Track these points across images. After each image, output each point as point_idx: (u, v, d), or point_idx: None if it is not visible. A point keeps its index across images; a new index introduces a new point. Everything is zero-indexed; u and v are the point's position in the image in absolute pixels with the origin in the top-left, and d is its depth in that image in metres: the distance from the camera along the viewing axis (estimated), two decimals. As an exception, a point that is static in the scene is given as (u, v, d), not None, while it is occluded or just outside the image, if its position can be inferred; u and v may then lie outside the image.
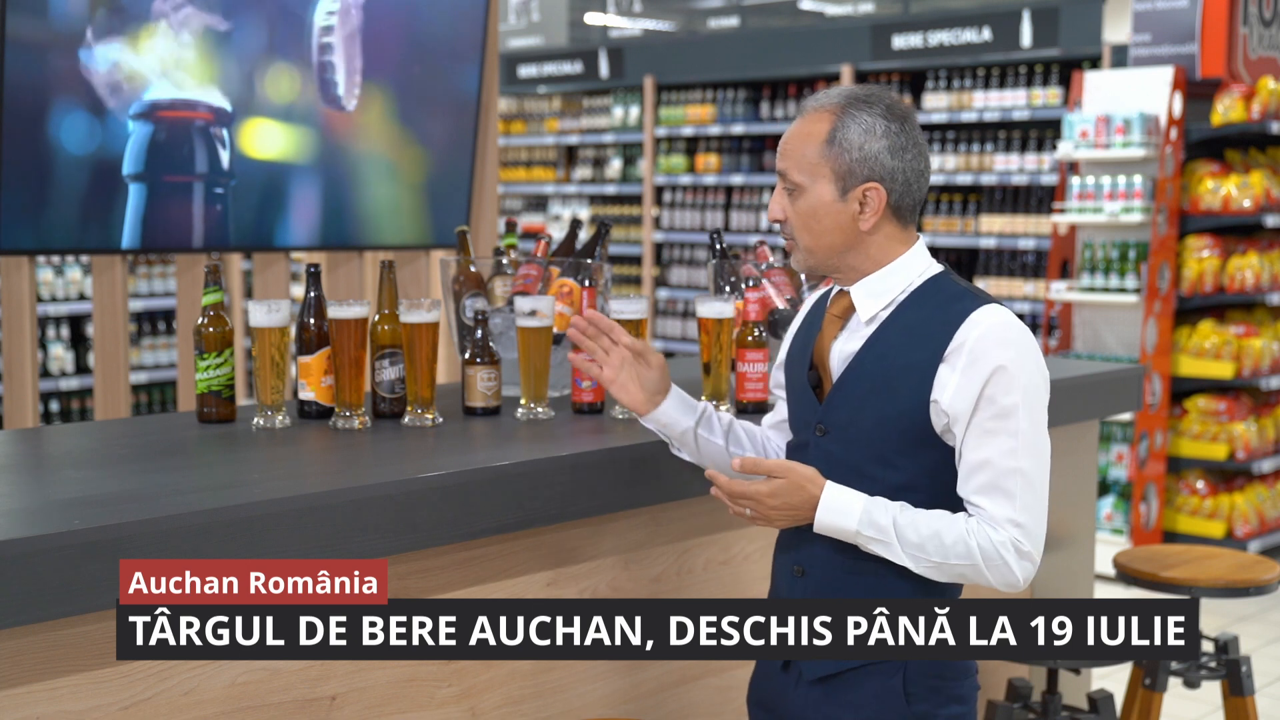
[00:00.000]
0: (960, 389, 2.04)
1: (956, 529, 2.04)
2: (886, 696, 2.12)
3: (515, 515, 2.34)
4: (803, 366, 2.23)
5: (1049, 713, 3.09)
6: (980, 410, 2.03)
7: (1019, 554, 2.04)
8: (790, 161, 2.13)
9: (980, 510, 2.05)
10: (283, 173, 4.38)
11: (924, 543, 2.04)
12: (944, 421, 2.07)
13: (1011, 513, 2.03)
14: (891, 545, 2.05)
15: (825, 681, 2.16)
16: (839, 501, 2.07)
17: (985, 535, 2.03)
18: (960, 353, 2.04)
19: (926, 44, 8.43)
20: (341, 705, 2.25)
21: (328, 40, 4.35)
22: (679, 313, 9.86)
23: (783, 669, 2.22)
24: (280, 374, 2.69)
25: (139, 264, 7.35)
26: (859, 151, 2.09)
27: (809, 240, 2.14)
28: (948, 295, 2.12)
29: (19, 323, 4.36)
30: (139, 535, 1.90)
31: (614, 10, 11.75)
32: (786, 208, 2.15)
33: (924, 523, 2.05)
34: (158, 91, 4.02)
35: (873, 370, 2.11)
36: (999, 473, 2.03)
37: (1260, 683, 4.97)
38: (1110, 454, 6.53)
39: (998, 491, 2.03)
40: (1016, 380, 2.03)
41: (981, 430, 2.04)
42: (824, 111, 2.11)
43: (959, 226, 8.25)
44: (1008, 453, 2.03)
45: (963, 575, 2.07)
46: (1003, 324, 2.06)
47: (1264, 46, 6.81)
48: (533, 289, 3.01)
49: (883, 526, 2.05)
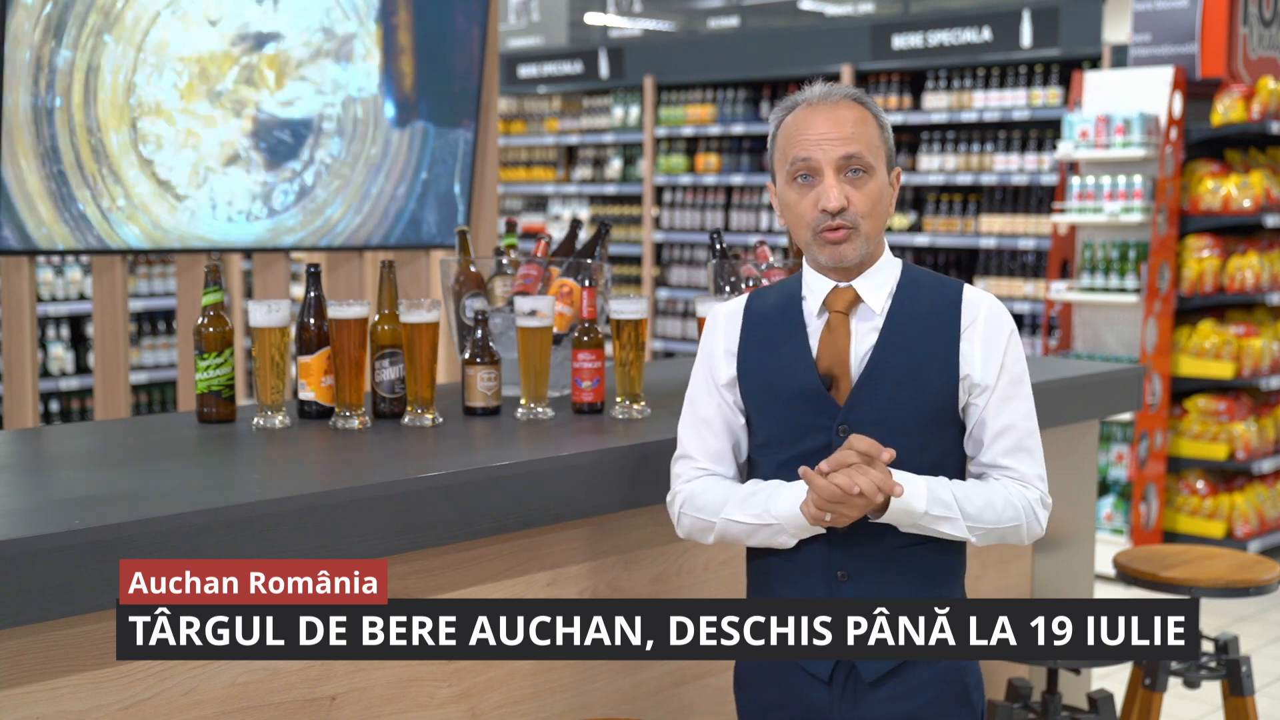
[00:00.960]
0: (986, 360, 2.16)
1: (1002, 493, 2.15)
2: (944, 677, 2.16)
3: (515, 515, 2.34)
4: (797, 375, 2.18)
5: (1049, 713, 3.09)
6: (1001, 378, 2.16)
7: (1044, 506, 2.20)
8: (862, 145, 2.14)
9: (1010, 470, 2.18)
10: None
11: (980, 512, 2.13)
12: (967, 397, 2.17)
13: (1039, 469, 2.19)
14: (956, 520, 2.12)
15: (881, 681, 2.17)
16: (907, 484, 2.09)
17: (1021, 495, 2.16)
18: (975, 328, 2.17)
19: (926, 44, 8.43)
20: (341, 705, 2.25)
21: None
22: (679, 313, 9.85)
23: (827, 684, 2.18)
24: (280, 374, 2.69)
25: (139, 264, 7.35)
26: (892, 137, 2.21)
27: (872, 225, 2.16)
28: (930, 281, 2.23)
29: (19, 323, 4.36)
30: (139, 535, 1.90)
31: (614, 10, 11.74)
32: (850, 194, 2.14)
33: (977, 494, 2.14)
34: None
35: (898, 361, 2.15)
36: (1022, 434, 2.17)
37: (1260, 683, 4.97)
38: (1110, 454, 6.53)
39: (1023, 451, 2.18)
40: (1020, 348, 2.21)
41: (1003, 397, 2.16)
42: (854, 101, 2.18)
43: (959, 226, 8.24)
44: (1025, 415, 2.19)
45: (1003, 537, 2.17)
46: (991, 298, 2.21)
47: (1264, 46, 6.81)
48: (533, 289, 3.01)
49: (947, 502, 2.11)
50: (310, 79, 4.66)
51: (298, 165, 4.69)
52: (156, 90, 4.35)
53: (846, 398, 2.16)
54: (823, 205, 2.13)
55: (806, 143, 2.14)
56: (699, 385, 2.29)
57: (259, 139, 4.60)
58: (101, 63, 4.19)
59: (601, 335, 2.84)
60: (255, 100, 4.56)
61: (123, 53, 4.23)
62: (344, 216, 4.78)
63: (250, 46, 4.54)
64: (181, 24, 4.38)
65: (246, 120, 4.56)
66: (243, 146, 4.57)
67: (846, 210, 2.13)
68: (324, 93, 4.71)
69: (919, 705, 2.17)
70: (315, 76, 4.66)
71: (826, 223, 2.14)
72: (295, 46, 4.62)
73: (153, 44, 4.31)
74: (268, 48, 4.57)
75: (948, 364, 2.15)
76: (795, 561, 2.20)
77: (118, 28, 4.23)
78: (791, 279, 2.29)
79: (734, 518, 2.18)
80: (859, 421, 2.14)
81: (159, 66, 4.33)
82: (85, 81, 4.18)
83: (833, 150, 2.13)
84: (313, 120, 4.70)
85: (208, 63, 4.45)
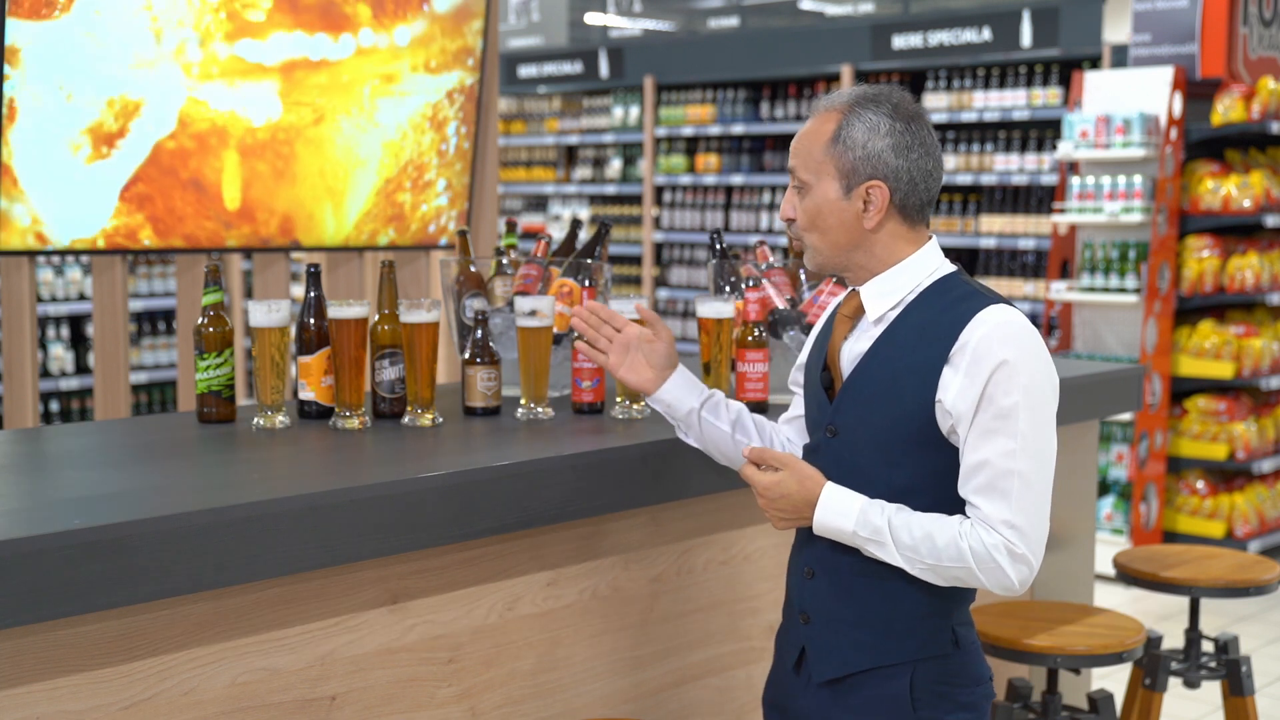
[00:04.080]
0: (963, 389, 2.02)
1: (949, 531, 2.03)
2: (892, 701, 2.12)
3: (515, 515, 2.34)
4: (818, 368, 2.23)
5: (1049, 713, 3.09)
6: (981, 410, 2.02)
7: (1012, 557, 2.01)
8: (799, 159, 2.15)
9: (976, 510, 2.04)
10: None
11: (917, 545, 2.04)
12: (949, 423, 2.06)
13: (1007, 514, 2.01)
14: (886, 546, 2.05)
15: (833, 685, 2.16)
16: (837, 502, 2.08)
17: (978, 537, 2.02)
18: (964, 352, 2.03)
19: (926, 44, 8.43)
20: (341, 705, 2.25)
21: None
22: (679, 313, 9.85)
23: (794, 671, 2.22)
24: (280, 374, 2.69)
25: (139, 264, 7.35)
26: (862, 150, 2.09)
27: (815, 239, 2.16)
28: (957, 295, 2.10)
29: (19, 323, 4.36)
30: (139, 535, 1.90)
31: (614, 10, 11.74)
32: (796, 206, 2.16)
33: (918, 525, 2.05)
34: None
35: (880, 371, 2.11)
36: (996, 473, 2.01)
37: (1260, 683, 4.97)
38: (1110, 454, 6.53)
39: (994, 492, 2.02)
40: (1016, 380, 2.01)
41: (982, 430, 2.02)
42: (832, 111, 2.13)
43: (959, 226, 8.24)
44: (1006, 454, 2.01)
45: (957, 578, 2.05)
46: (1007, 323, 2.04)
47: (1264, 46, 6.81)
48: (533, 289, 3.00)
49: (878, 527, 2.05)
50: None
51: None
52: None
53: (834, 399, 2.17)
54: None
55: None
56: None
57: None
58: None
59: (601, 335, 2.84)
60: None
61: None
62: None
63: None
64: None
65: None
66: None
67: (793, 222, 2.18)
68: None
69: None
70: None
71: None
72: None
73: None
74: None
75: (924, 384, 2.06)
76: (791, 560, 2.28)
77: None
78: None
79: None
80: (842, 425, 2.15)
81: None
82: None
83: (789, 161, 2.19)
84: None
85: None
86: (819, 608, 2.17)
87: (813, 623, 2.18)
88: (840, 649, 2.15)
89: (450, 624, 2.39)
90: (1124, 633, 2.96)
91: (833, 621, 2.16)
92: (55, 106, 4.04)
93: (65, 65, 4.04)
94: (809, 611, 2.18)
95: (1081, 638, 2.92)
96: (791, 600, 2.24)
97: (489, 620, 2.44)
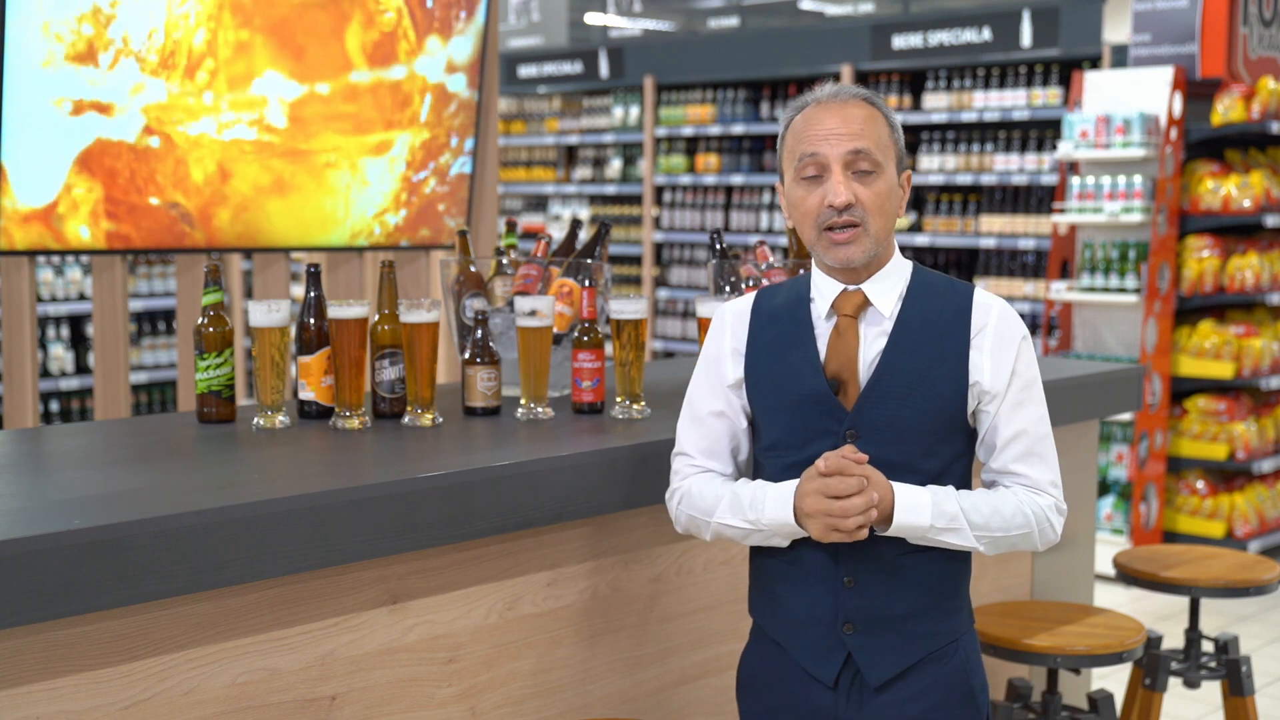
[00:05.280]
0: (996, 367, 2.14)
1: (1010, 501, 2.14)
2: (949, 678, 2.17)
3: (515, 515, 2.34)
4: (805, 378, 2.16)
5: (1049, 713, 3.09)
6: (1012, 384, 2.15)
7: (1059, 513, 2.19)
8: (869, 141, 2.12)
9: (1022, 477, 2.17)
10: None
11: (987, 521, 2.12)
12: (976, 403, 2.16)
13: (1051, 474, 2.18)
14: (962, 530, 2.10)
15: (886, 684, 2.16)
16: (909, 500, 2.08)
17: (1033, 502, 2.15)
18: (985, 334, 2.15)
19: (926, 44, 8.43)
20: (341, 705, 2.25)
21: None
22: (679, 313, 9.85)
23: (832, 688, 2.17)
24: (280, 374, 2.69)
25: (139, 264, 7.35)
26: (902, 138, 2.19)
27: (880, 224, 2.13)
28: (940, 284, 2.20)
29: (19, 323, 4.36)
30: (139, 535, 1.90)
31: (614, 10, 11.75)
32: (858, 191, 2.11)
33: (982, 502, 2.13)
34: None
35: (907, 366, 2.13)
36: (1034, 439, 2.16)
37: (1260, 683, 4.97)
38: (1110, 454, 6.53)
39: (1035, 457, 2.17)
40: (1031, 353, 2.19)
41: (1014, 403, 2.15)
42: (865, 100, 2.16)
43: (959, 226, 8.24)
44: (1038, 420, 2.17)
45: (1014, 545, 2.15)
46: (1002, 303, 2.19)
47: (1264, 46, 6.81)
48: (533, 289, 3.00)
49: (953, 515, 2.10)
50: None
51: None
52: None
53: (855, 402, 2.14)
54: (829, 200, 2.10)
55: (815, 138, 2.12)
56: (700, 384, 2.28)
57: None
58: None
59: (601, 335, 2.84)
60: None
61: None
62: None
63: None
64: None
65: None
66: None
67: (853, 206, 2.10)
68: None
69: (925, 709, 2.16)
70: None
71: (833, 219, 2.11)
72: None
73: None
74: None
75: (957, 370, 2.13)
76: (799, 565, 2.19)
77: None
78: (800, 279, 2.26)
79: (725, 521, 2.18)
80: (866, 426, 2.12)
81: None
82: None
83: (840, 145, 2.11)
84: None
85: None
86: (865, 613, 2.15)
87: (859, 630, 2.15)
88: (893, 646, 2.15)
89: (450, 624, 2.39)
90: (1124, 633, 2.96)
91: (882, 621, 2.15)
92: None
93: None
94: (854, 620, 2.15)
95: (1081, 638, 2.93)
96: (820, 617, 2.17)
97: (489, 620, 2.44)
